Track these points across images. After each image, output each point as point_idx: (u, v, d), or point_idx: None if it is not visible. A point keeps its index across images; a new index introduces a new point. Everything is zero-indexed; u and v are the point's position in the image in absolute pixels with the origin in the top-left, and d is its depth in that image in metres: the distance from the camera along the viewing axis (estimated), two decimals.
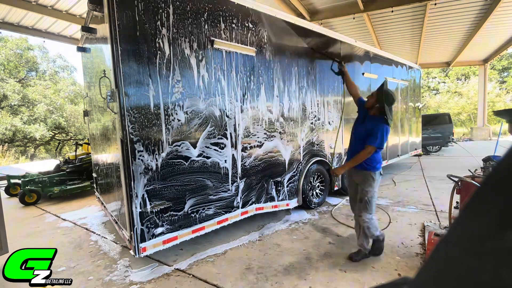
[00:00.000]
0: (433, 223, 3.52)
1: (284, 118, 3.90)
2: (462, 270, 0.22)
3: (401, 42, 11.86)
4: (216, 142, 3.12)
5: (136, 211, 2.49)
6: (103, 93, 2.61)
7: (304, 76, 4.19)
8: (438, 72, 27.78)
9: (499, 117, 15.62)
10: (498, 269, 0.20)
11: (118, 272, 2.75)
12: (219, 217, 3.17)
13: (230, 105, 3.24)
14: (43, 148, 20.42)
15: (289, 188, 4.01)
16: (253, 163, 3.52)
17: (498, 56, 15.13)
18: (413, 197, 4.76)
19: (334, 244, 3.10)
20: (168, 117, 2.70)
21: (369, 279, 2.41)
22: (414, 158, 9.08)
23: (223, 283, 2.45)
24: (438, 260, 0.24)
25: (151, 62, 2.56)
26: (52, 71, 21.92)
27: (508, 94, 24.48)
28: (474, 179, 2.58)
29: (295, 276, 2.51)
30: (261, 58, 3.56)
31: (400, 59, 7.23)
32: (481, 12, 8.74)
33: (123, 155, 2.42)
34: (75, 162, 6.55)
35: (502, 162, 0.24)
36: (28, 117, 18.41)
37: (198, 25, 2.90)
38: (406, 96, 7.52)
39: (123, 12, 2.35)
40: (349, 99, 4.58)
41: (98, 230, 3.96)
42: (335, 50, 4.76)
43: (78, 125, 20.36)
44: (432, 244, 2.51)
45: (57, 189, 5.68)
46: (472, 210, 0.24)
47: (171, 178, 2.76)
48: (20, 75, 19.84)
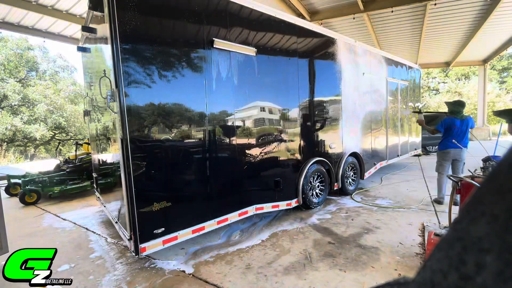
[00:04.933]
0: (432, 223, 3.52)
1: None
2: (462, 270, 0.22)
3: (401, 42, 11.86)
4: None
5: (136, 211, 2.49)
6: (103, 93, 2.61)
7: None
8: (438, 72, 27.78)
9: (499, 117, 15.61)
10: (499, 270, 0.20)
11: (118, 272, 2.75)
12: (219, 217, 3.17)
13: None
14: (43, 148, 20.42)
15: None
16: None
17: (498, 56, 15.15)
18: (413, 197, 4.76)
19: (334, 244, 3.11)
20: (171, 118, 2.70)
21: (369, 279, 2.41)
22: (414, 158, 9.08)
23: (223, 283, 2.45)
24: (438, 260, 0.25)
25: (151, 62, 2.56)
26: (52, 71, 21.94)
27: (508, 94, 24.49)
28: (473, 179, 2.58)
29: (295, 276, 2.51)
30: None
31: (400, 59, 7.24)
32: (481, 12, 8.74)
33: (123, 155, 2.43)
34: (75, 162, 6.55)
35: (502, 162, 0.24)
36: (28, 117, 18.42)
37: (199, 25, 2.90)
38: (406, 96, 7.53)
39: (123, 12, 2.35)
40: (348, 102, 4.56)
41: (98, 230, 3.96)
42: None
43: (78, 125, 20.37)
44: (432, 244, 2.51)
45: (57, 189, 5.68)
46: (472, 210, 0.24)
47: (172, 178, 2.76)
48: (20, 75, 19.84)
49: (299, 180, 4.11)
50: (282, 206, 3.90)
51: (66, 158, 7.42)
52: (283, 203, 3.91)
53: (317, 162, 4.42)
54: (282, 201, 3.90)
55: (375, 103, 5.97)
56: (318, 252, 2.93)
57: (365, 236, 3.28)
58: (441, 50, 13.34)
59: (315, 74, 4.38)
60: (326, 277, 2.47)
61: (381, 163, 6.40)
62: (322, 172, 4.52)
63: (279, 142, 3.84)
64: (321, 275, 2.50)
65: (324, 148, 4.63)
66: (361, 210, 4.23)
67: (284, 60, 3.92)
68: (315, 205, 4.35)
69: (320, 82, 4.47)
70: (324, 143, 4.63)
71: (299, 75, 4.09)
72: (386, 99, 6.47)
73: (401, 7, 8.07)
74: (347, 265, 2.65)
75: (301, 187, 4.10)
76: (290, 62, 3.97)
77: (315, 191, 4.45)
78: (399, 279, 0.31)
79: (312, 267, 2.64)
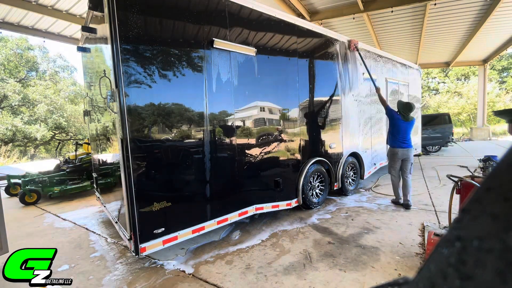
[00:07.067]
0: (432, 223, 3.52)
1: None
2: (462, 270, 0.22)
3: (401, 42, 11.86)
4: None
5: (136, 211, 2.49)
6: (103, 93, 2.61)
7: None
8: (438, 72, 27.80)
9: (499, 117, 15.62)
10: (499, 270, 0.20)
11: (118, 272, 2.75)
12: (219, 217, 3.17)
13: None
14: (43, 148, 20.43)
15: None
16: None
17: (497, 56, 15.14)
18: (413, 197, 4.75)
19: (334, 244, 3.11)
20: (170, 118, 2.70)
21: (369, 279, 2.41)
22: (414, 158, 9.08)
23: (223, 283, 2.45)
24: (438, 260, 0.25)
25: (151, 62, 2.56)
26: (52, 71, 21.94)
27: (507, 94, 24.48)
28: (473, 179, 2.58)
29: (295, 276, 2.51)
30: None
31: (400, 59, 7.24)
32: (481, 12, 8.74)
33: (123, 155, 2.43)
34: (75, 162, 6.55)
35: (502, 162, 0.24)
36: (28, 117, 18.42)
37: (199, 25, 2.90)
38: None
39: (123, 12, 2.35)
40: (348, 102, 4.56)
41: (98, 230, 3.97)
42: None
43: (78, 125, 20.37)
44: (431, 244, 2.51)
45: (57, 189, 5.68)
46: (472, 210, 0.24)
47: (172, 178, 2.76)
48: (20, 75, 19.85)
49: (299, 180, 4.11)
50: (282, 206, 3.90)
51: (66, 158, 7.42)
52: (283, 203, 3.91)
53: (317, 162, 4.42)
54: (282, 201, 3.90)
55: (375, 102, 5.97)
56: (318, 252, 2.93)
57: (365, 236, 3.28)
58: (441, 50, 13.35)
59: (315, 74, 4.38)
60: (326, 277, 2.47)
61: (381, 163, 6.40)
62: (322, 172, 4.52)
63: (279, 142, 3.84)
64: (321, 275, 2.50)
65: (324, 148, 4.63)
66: (361, 210, 4.23)
67: (284, 60, 3.92)
68: (315, 205, 4.35)
69: (320, 82, 4.47)
70: (324, 143, 4.63)
71: (299, 75, 4.09)
72: (386, 98, 6.46)
73: (401, 7, 8.07)
74: (347, 265, 2.65)
75: (301, 187, 4.10)
76: (290, 62, 3.97)
77: (315, 191, 4.45)
78: (399, 279, 0.31)
79: (312, 267, 2.64)
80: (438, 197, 4.67)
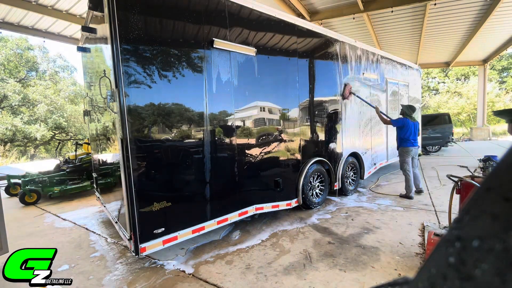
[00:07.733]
0: (432, 223, 3.52)
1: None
2: (462, 270, 0.22)
3: (401, 42, 11.87)
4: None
5: (136, 211, 2.49)
6: (103, 93, 2.61)
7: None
8: (438, 72, 27.80)
9: (499, 117, 15.63)
10: (499, 270, 0.20)
11: (118, 272, 2.75)
12: (219, 217, 3.17)
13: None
14: (43, 148, 20.43)
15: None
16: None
17: (497, 56, 15.15)
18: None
19: (334, 244, 3.11)
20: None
21: (369, 279, 2.41)
22: None
23: (223, 283, 2.45)
24: (438, 260, 0.25)
25: (151, 62, 2.56)
26: (52, 71, 21.94)
27: (507, 94, 24.49)
28: (473, 179, 2.58)
29: (295, 276, 2.51)
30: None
31: (400, 59, 7.24)
32: (481, 12, 8.74)
33: (123, 155, 2.43)
34: (75, 162, 6.55)
35: (502, 162, 0.24)
36: (28, 117, 18.42)
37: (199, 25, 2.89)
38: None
39: (123, 12, 2.35)
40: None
41: (98, 229, 3.97)
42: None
43: (78, 125, 20.38)
44: (431, 244, 2.51)
45: (57, 189, 5.68)
46: (472, 210, 0.24)
47: (172, 178, 2.76)
48: (20, 75, 19.85)
49: (299, 180, 4.11)
50: (282, 206, 3.90)
51: (66, 158, 7.42)
52: (283, 203, 3.91)
53: (317, 162, 4.42)
54: (282, 201, 3.90)
55: (375, 102, 5.97)
56: (318, 252, 2.93)
57: (365, 236, 3.28)
58: (441, 50, 13.35)
59: (315, 74, 4.38)
60: (326, 277, 2.47)
61: (381, 163, 6.40)
62: (322, 172, 4.52)
63: (279, 142, 3.84)
64: (321, 275, 2.50)
65: (324, 148, 4.63)
66: (361, 210, 4.23)
67: (284, 60, 3.92)
68: (315, 205, 4.35)
69: (320, 82, 4.47)
70: (324, 143, 4.64)
71: (299, 75, 4.09)
72: (386, 98, 6.47)
73: (401, 7, 8.07)
74: (347, 265, 2.65)
75: (301, 187, 4.10)
76: (290, 62, 3.97)
77: (315, 191, 4.45)
78: (399, 279, 0.31)
79: (312, 267, 2.64)
80: (438, 197, 4.67)
